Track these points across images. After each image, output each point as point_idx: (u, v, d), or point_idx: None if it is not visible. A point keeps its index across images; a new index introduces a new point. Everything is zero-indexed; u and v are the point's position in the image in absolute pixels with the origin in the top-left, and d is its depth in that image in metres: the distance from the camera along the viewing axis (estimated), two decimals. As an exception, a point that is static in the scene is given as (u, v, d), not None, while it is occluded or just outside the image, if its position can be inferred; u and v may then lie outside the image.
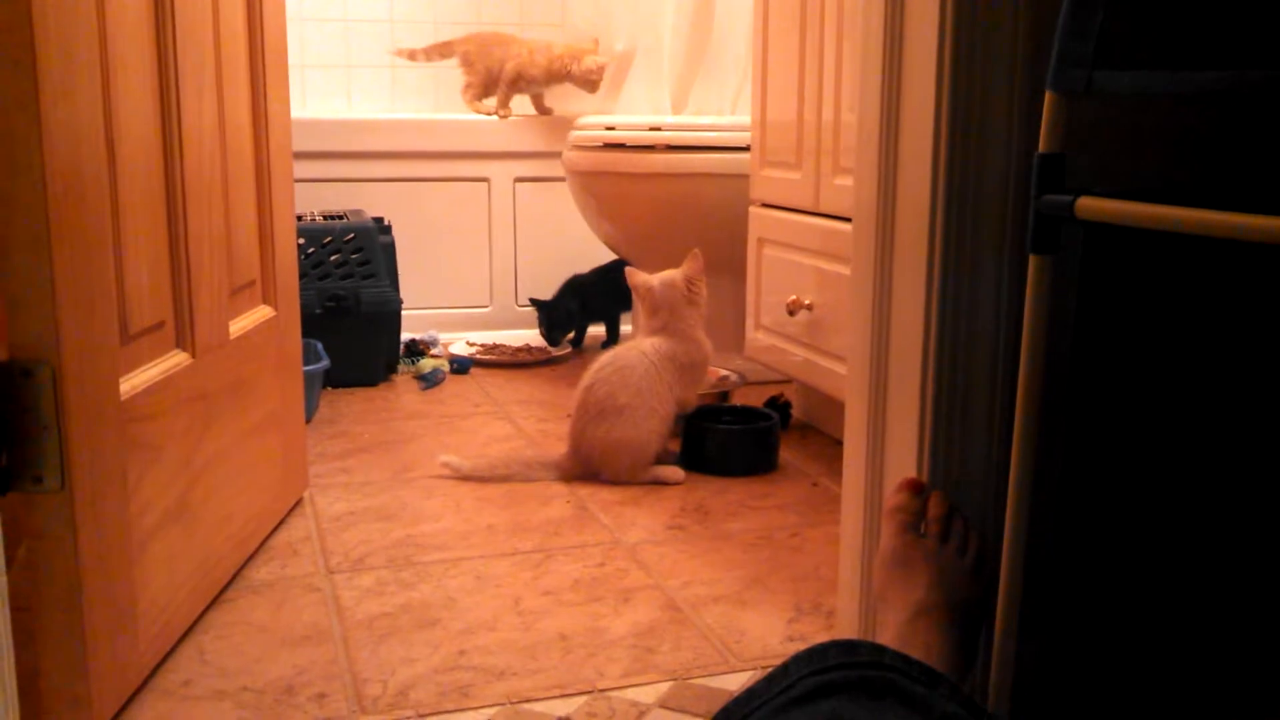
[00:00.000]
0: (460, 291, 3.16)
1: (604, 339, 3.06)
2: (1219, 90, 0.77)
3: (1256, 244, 0.69)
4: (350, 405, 2.44)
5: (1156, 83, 0.80)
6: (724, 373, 2.38)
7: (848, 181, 1.83)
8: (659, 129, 2.47)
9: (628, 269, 2.06)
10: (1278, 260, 0.97)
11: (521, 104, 3.33)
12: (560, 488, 1.90)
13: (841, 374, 1.83)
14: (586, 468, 1.94)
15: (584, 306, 3.01)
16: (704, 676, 1.26)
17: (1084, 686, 1.09)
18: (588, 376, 1.96)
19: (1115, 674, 1.07)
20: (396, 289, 2.64)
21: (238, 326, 1.51)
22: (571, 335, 3.05)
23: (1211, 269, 1.01)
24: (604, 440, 1.91)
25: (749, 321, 2.26)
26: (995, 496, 1.07)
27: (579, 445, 1.94)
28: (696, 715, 1.18)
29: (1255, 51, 0.84)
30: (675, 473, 1.94)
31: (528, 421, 2.32)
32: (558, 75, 3.17)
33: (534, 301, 3.00)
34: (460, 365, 2.78)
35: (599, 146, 2.54)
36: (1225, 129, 1.06)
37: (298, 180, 1.78)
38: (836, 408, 2.07)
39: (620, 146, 2.50)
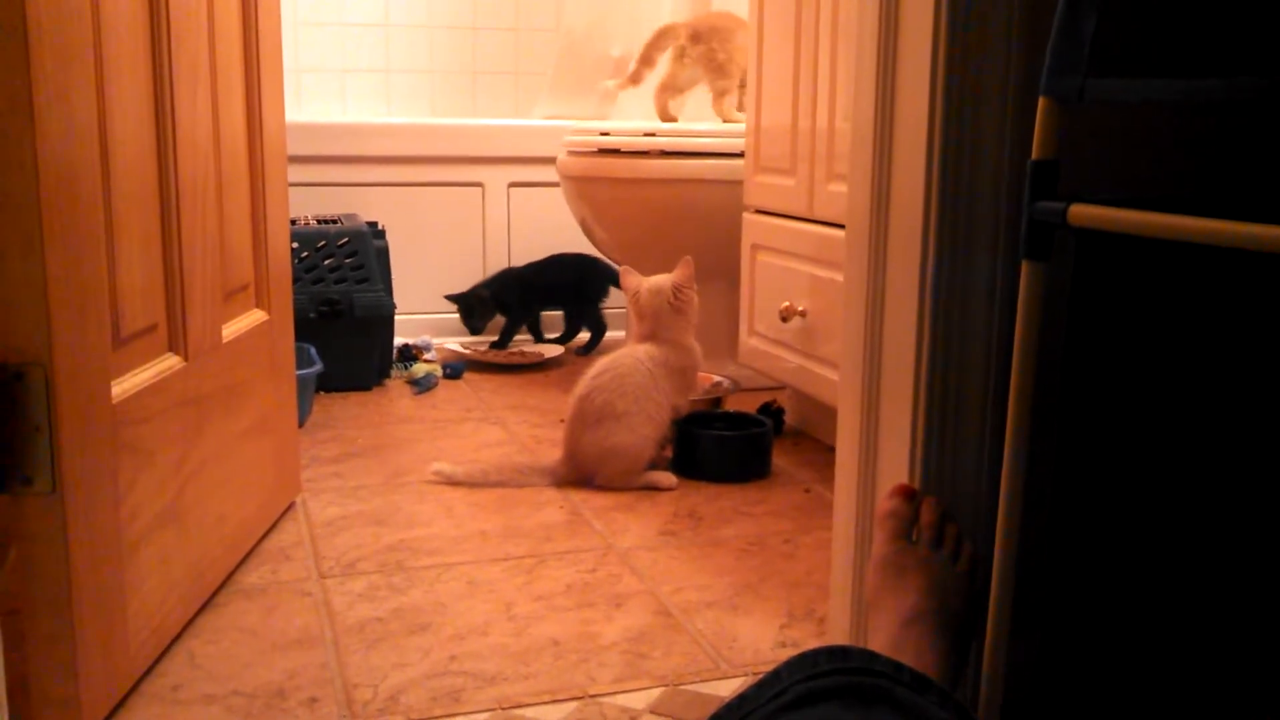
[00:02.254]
0: (454, 296, 3.16)
1: (583, 344, 3.07)
2: (1211, 97, 0.78)
3: (1250, 251, 0.69)
4: (343, 410, 2.43)
5: (1148, 90, 0.81)
6: (717, 378, 2.38)
7: (841, 188, 1.83)
8: (653, 134, 2.47)
9: (623, 269, 2.06)
10: (1271, 267, 0.97)
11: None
12: (553, 493, 1.90)
13: (834, 380, 1.83)
14: (581, 473, 1.93)
15: (499, 300, 2.99)
16: (695, 682, 1.26)
17: (1076, 693, 1.09)
18: (584, 384, 1.95)
19: (1108, 680, 1.08)
20: (390, 293, 2.64)
21: (231, 330, 1.51)
22: (516, 329, 3.04)
23: (1205, 275, 1.01)
24: (600, 446, 1.91)
25: (742, 327, 2.26)
26: (988, 502, 1.07)
27: (574, 451, 1.93)
28: (688, 721, 1.18)
29: (1248, 58, 0.84)
30: (668, 478, 1.94)
31: (520, 427, 2.31)
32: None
33: (449, 298, 3.00)
34: (453, 370, 2.77)
35: (593, 152, 2.55)
36: (1219, 136, 1.06)
37: (292, 184, 1.78)
38: (829, 414, 2.07)
39: (615, 152, 2.50)
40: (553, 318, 3.15)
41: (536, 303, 3.05)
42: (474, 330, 2.98)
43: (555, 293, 3.04)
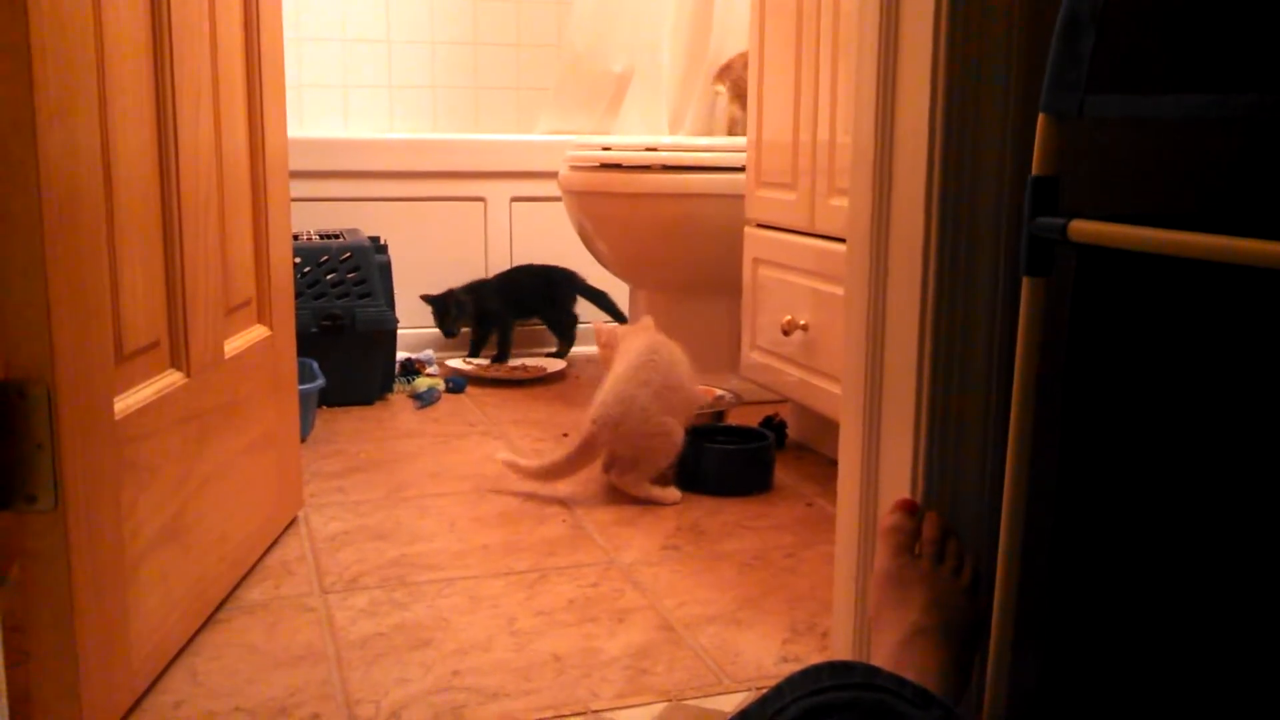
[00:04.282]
0: (456, 311, 3.16)
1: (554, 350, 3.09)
2: (1211, 114, 0.78)
3: (1249, 267, 0.69)
4: (345, 424, 2.43)
5: (1147, 106, 0.81)
6: (719, 392, 2.38)
7: (842, 202, 1.83)
8: (655, 149, 2.48)
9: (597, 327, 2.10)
10: (1269, 283, 0.97)
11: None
12: (556, 507, 1.90)
13: (836, 394, 1.83)
14: (618, 440, 1.91)
15: (480, 306, 3.00)
16: (698, 697, 1.25)
17: (1080, 709, 1.09)
18: (642, 351, 1.95)
19: (1111, 695, 1.07)
20: (392, 308, 2.64)
21: (233, 346, 1.51)
22: (491, 338, 3.05)
23: (1207, 291, 1.01)
24: (659, 438, 1.90)
25: (744, 341, 2.26)
26: (990, 517, 1.07)
27: (626, 411, 1.90)
28: (691, 737, 1.17)
29: (1248, 74, 0.84)
30: (672, 493, 1.93)
31: (523, 441, 2.31)
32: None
33: (424, 298, 2.99)
34: (455, 384, 2.78)
35: (595, 167, 2.55)
36: (1223, 152, 1.07)
37: (294, 199, 1.79)
38: (832, 428, 2.07)
39: (616, 167, 2.51)
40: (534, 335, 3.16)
41: (512, 310, 3.06)
42: (448, 334, 2.98)
43: (528, 301, 3.06)
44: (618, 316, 3.08)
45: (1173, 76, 0.89)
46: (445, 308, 2.96)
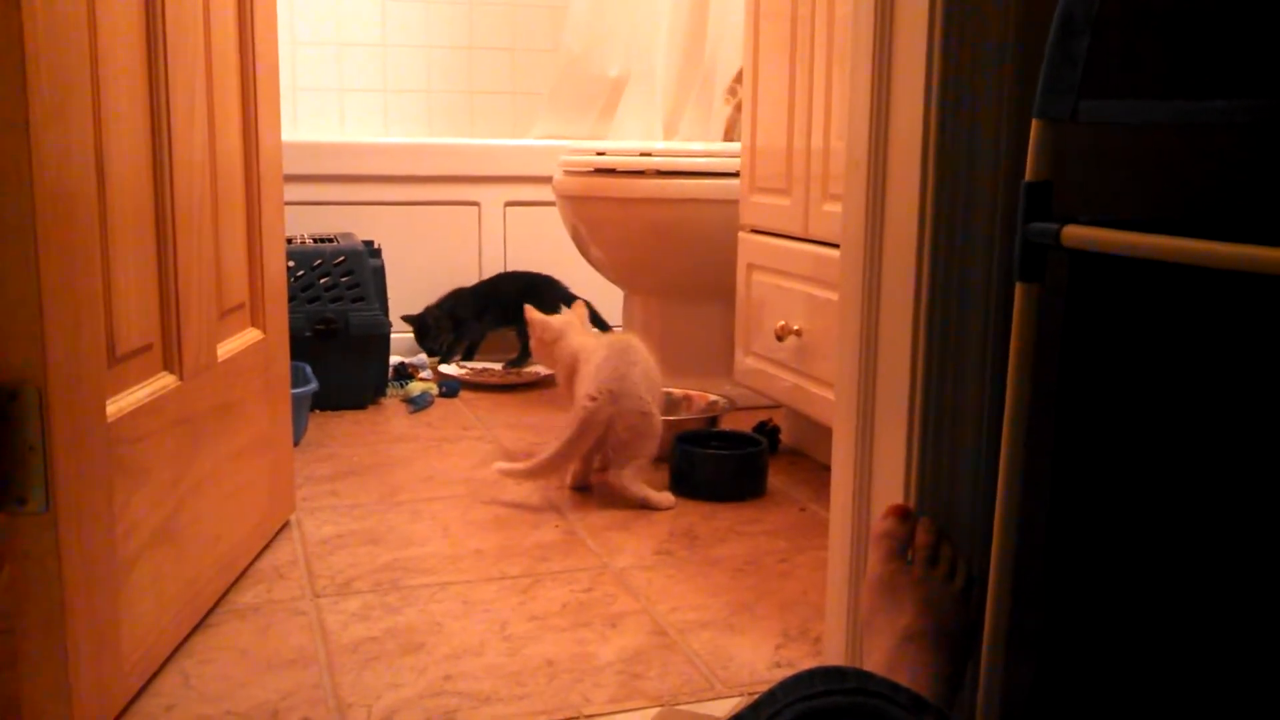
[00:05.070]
0: (450, 315, 3.16)
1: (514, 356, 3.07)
2: (1205, 119, 0.78)
3: (1241, 272, 0.69)
4: (338, 428, 2.43)
5: (1142, 111, 0.81)
6: (713, 397, 2.38)
7: (837, 208, 1.83)
8: (649, 154, 2.48)
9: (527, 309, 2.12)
10: (1263, 288, 0.98)
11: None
12: (549, 512, 1.89)
13: (830, 399, 1.83)
14: (617, 415, 1.93)
15: (453, 315, 2.99)
16: (691, 702, 1.25)
17: (1073, 714, 1.09)
18: (619, 339, 1.99)
19: (1105, 700, 1.07)
20: (386, 312, 2.64)
21: (226, 349, 1.50)
22: (460, 346, 3.04)
23: (1201, 296, 1.02)
24: (650, 418, 1.93)
25: (738, 346, 2.27)
26: (983, 522, 1.07)
27: (622, 388, 1.93)
28: (683, 742, 1.17)
29: (1246, 78, 0.85)
30: (665, 498, 1.93)
31: (516, 445, 2.31)
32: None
33: (404, 319, 2.99)
34: (449, 388, 2.77)
35: (589, 171, 2.55)
36: (1220, 157, 1.07)
37: (288, 203, 1.79)
38: (825, 433, 2.07)
39: (611, 172, 2.51)
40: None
41: (489, 319, 3.04)
42: (430, 351, 2.98)
43: (507, 309, 3.04)
44: (600, 324, 3.07)
45: (1169, 80, 0.89)
46: (424, 325, 2.95)
